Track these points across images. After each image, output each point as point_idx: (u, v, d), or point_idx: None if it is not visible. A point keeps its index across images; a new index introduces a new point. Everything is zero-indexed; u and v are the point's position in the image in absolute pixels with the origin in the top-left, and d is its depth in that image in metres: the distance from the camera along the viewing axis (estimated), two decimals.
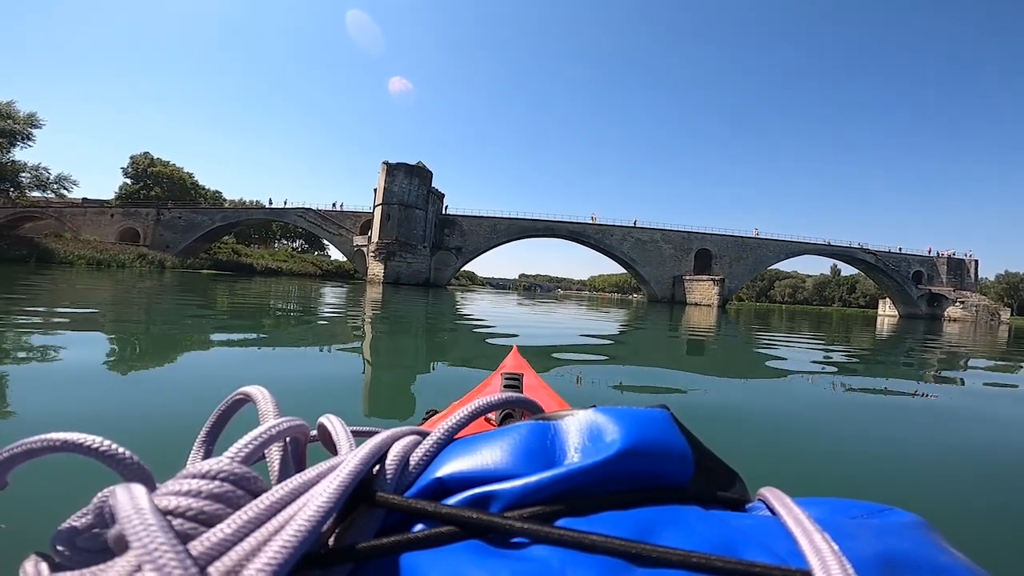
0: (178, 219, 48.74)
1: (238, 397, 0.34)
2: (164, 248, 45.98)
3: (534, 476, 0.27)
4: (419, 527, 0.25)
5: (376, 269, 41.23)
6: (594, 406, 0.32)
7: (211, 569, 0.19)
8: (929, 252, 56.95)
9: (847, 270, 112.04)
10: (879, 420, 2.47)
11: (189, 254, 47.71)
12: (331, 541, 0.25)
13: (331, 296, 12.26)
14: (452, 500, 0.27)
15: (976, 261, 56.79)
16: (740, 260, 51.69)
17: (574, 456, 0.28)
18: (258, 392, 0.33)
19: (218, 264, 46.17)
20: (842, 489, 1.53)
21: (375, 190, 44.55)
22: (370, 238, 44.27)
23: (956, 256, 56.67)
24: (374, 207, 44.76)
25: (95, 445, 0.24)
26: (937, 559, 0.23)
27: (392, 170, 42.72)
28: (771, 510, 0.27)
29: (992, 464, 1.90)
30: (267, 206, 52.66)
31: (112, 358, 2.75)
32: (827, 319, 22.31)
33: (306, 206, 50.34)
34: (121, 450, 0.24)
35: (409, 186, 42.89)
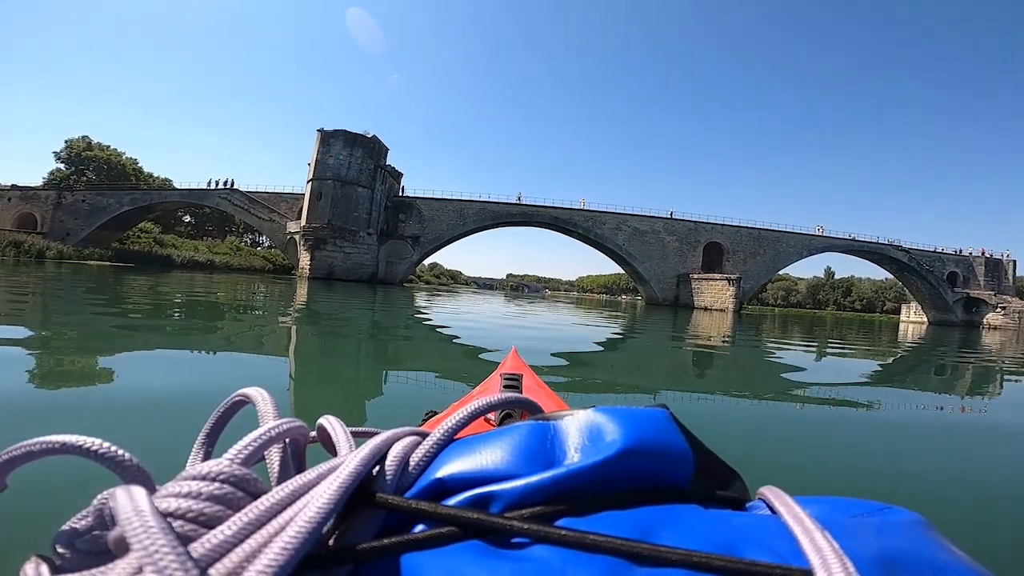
0: (82, 203, 41.03)
1: (237, 399, 0.33)
2: (64, 236, 38.34)
3: (534, 476, 0.27)
4: (419, 528, 0.25)
5: (305, 260, 32.83)
6: (594, 406, 0.32)
7: (212, 571, 0.19)
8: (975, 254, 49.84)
9: (840, 272, 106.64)
10: (883, 424, 2.50)
11: (95, 243, 39.49)
12: (331, 542, 0.25)
13: (230, 297, 10.08)
14: (452, 501, 0.27)
15: (1014, 262, 50.24)
16: (756, 256, 44.09)
17: (574, 456, 0.28)
18: (257, 394, 0.33)
19: (122, 255, 37.65)
20: (842, 488, 1.55)
21: (308, 164, 36.00)
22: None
23: (994, 256, 49.73)
24: (306, 185, 36.29)
25: (94, 447, 0.24)
26: (938, 557, 0.23)
27: (328, 139, 34.32)
28: (771, 509, 0.27)
29: (996, 467, 1.91)
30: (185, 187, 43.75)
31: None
32: (822, 323, 22.01)
33: (232, 186, 41.66)
34: (120, 452, 0.24)
35: (350, 158, 34.50)
